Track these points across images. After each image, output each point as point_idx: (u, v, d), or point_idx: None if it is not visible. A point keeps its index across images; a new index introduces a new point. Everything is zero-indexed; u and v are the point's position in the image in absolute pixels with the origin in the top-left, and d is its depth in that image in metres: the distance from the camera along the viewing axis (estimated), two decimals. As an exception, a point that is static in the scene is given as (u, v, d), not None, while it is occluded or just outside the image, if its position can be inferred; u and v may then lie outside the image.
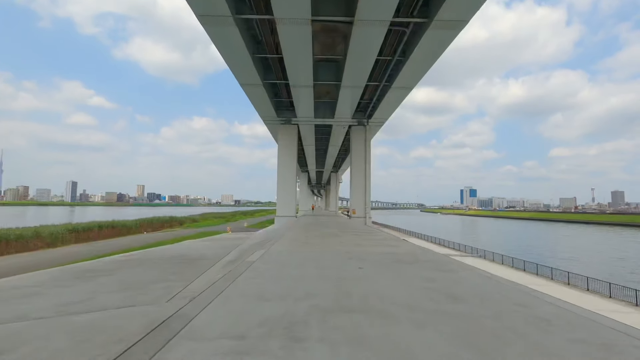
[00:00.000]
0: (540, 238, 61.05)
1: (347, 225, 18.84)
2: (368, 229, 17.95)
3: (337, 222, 20.43)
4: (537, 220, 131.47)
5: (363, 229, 17.54)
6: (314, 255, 8.61)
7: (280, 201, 26.15)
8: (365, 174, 26.32)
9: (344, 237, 12.85)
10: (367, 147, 26.56)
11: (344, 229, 15.95)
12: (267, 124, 27.85)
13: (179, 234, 32.83)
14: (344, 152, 44.72)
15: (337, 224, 18.74)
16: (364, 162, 26.45)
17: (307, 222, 19.22)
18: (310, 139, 34.18)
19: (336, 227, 16.46)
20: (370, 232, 15.54)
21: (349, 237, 12.66)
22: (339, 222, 20.63)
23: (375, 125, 27.20)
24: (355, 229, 16.61)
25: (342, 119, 26.32)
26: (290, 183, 26.40)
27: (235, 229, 39.91)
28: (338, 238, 12.53)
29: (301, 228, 15.72)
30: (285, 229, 16.68)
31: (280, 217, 25.85)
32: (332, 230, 15.45)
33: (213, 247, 10.76)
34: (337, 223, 19.59)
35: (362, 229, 17.36)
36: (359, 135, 26.91)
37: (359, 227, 18.91)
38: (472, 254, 27.61)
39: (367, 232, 15.71)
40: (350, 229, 16.17)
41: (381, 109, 24.10)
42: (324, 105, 26.05)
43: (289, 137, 26.84)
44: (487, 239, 53.39)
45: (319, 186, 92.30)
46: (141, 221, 41.97)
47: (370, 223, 26.13)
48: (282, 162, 26.54)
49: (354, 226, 18.51)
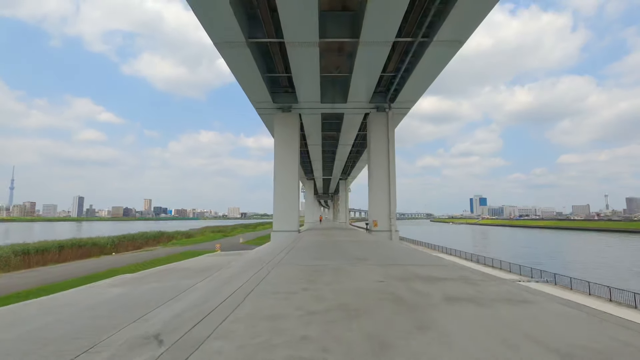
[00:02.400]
0: (587, 251, 52.92)
1: (372, 244, 12.69)
2: (406, 251, 11.70)
3: (356, 240, 14.15)
4: (558, 229, 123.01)
5: (399, 250, 11.33)
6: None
7: (277, 212, 20.05)
8: (388, 173, 20.17)
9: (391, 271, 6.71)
10: (390, 140, 20.47)
11: (377, 253, 9.80)
12: (262, 113, 21.98)
13: (156, 255, 26.87)
14: (355, 153, 38.67)
15: (358, 244, 12.57)
16: (386, 159, 20.33)
17: (314, 241, 12.52)
18: (316, 135, 28.25)
19: (359, 248, 10.39)
20: (409, 254, 9.48)
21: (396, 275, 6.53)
22: (359, 240, 14.34)
23: (400, 110, 21.16)
24: (391, 251, 10.49)
25: (357, 103, 20.38)
26: (290, 187, 20.34)
27: (229, 246, 33.91)
28: (373, 271, 6.39)
29: (306, 251, 9.66)
30: (282, 251, 10.62)
31: (278, 232, 19.72)
32: (355, 253, 9.28)
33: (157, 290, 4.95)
34: (357, 242, 13.34)
35: (397, 250, 11.16)
36: (378, 124, 20.85)
37: (388, 246, 12.78)
38: (534, 278, 21.11)
39: (406, 253, 9.65)
40: (386, 252, 10.01)
41: (410, 86, 18.12)
42: (333, 86, 20.19)
43: (289, 128, 20.90)
44: (526, 254, 45.83)
45: (326, 196, 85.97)
46: (120, 238, 36.17)
47: (398, 239, 19.85)
48: (279, 160, 20.55)
49: (382, 245, 12.37)
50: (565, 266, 33.05)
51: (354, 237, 13.86)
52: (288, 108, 20.75)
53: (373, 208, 20.27)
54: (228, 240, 39.41)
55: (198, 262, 16.82)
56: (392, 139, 20.48)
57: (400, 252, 10.46)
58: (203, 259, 16.49)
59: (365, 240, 13.73)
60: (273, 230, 19.87)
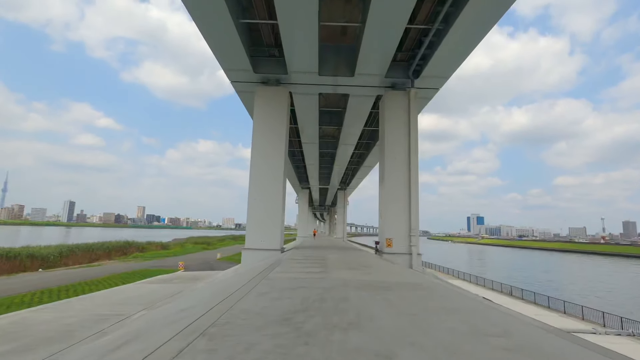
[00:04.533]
0: (626, 279, 45.68)
1: (413, 292, 7.03)
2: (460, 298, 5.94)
3: (367, 274, 8.21)
4: (564, 252, 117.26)
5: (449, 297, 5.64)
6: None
7: (252, 222, 14.37)
8: (409, 176, 14.64)
9: None
10: (413, 130, 15.02)
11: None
12: (240, 90, 16.50)
13: (96, 274, 20.88)
14: (358, 158, 33.21)
15: (385, 294, 6.87)
16: (406, 156, 14.84)
17: (294, 279, 5.94)
18: (312, 129, 22.80)
19: (396, 312, 4.87)
20: (473, 311, 3.98)
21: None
22: (385, 285, 8.08)
23: (425, 92, 15.78)
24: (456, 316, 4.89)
25: (367, 77, 15.00)
26: (271, 189, 14.71)
27: (200, 263, 27.94)
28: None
29: (273, 307, 4.16)
30: (227, 298, 5.02)
31: (252, 251, 14.00)
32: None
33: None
34: (380, 287, 7.49)
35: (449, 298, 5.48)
36: (395, 108, 15.42)
37: (424, 285, 7.17)
38: (613, 329, 15.26)
39: (470, 309, 4.14)
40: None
41: (445, 51, 12.82)
42: (337, 54, 14.89)
43: (274, 106, 15.43)
44: (561, 282, 39.05)
45: (322, 208, 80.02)
46: (74, 248, 30.12)
47: (420, 265, 14.13)
48: (258, 149, 15.00)
49: (432, 294, 6.71)
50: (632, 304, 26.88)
51: (364, 270, 8.15)
52: (275, 81, 15.32)
53: (386, 223, 14.62)
54: (205, 255, 33.44)
55: (133, 295, 11.11)
56: (414, 128, 15.02)
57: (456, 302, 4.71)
58: (134, 289, 10.87)
59: (385, 276, 7.86)
60: (245, 247, 14.13)
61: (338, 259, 11.02)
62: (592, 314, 16.69)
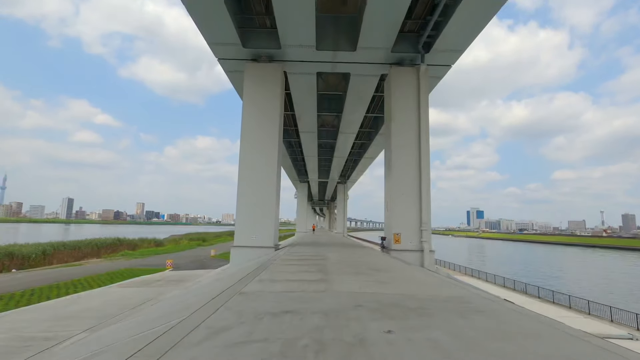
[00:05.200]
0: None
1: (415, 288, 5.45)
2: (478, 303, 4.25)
3: (382, 282, 6.22)
4: (566, 245, 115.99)
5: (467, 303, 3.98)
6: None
7: (242, 216, 12.69)
8: (419, 163, 12.93)
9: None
10: (423, 110, 13.26)
11: None
12: (229, 70, 14.72)
13: (72, 274, 19.19)
14: (359, 149, 31.47)
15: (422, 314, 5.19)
16: (416, 141, 13.13)
17: (284, 291, 4.38)
18: (310, 116, 21.06)
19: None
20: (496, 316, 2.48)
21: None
22: (384, 281, 6.50)
23: (436, 70, 14.01)
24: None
25: (371, 52, 13.24)
26: (263, 178, 13.02)
27: (192, 260, 26.33)
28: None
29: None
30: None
31: (241, 248, 12.35)
32: None
33: None
34: (407, 299, 5.81)
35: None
36: (403, 87, 13.65)
37: (436, 285, 5.53)
38: None
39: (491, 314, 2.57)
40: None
41: (460, 19, 11.05)
42: (336, 25, 13.10)
43: (266, 85, 13.68)
44: (577, 278, 37.02)
45: (322, 203, 78.34)
46: (59, 245, 28.32)
47: (433, 263, 12.48)
48: (249, 132, 13.28)
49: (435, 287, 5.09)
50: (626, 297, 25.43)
51: (377, 276, 6.48)
52: (267, 57, 13.54)
53: (393, 216, 12.94)
54: (199, 252, 31.86)
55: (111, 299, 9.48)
56: (425, 110, 13.27)
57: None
58: (98, 296, 9.23)
59: (407, 285, 6.19)
60: (234, 245, 12.46)
61: (340, 258, 9.36)
62: (622, 315, 15.10)
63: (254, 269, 6.38)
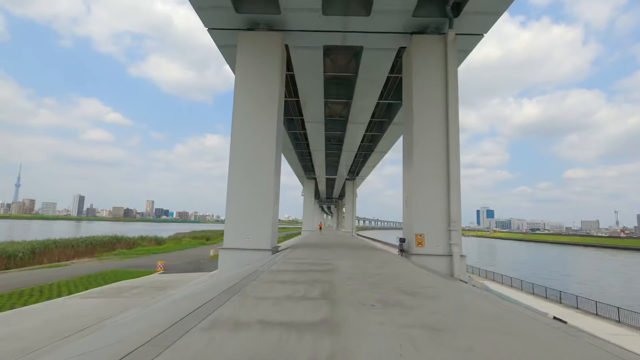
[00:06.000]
0: None
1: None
2: None
3: (438, 333, 2.86)
4: (583, 246, 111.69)
5: None
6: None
7: (232, 212, 10.66)
8: (446, 146, 10.73)
9: None
10: (451, 86, 11.02)
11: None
12: (222, 44, 12.67)
13: (54, 277, 17.38)
14: (369, 142, 29.25)
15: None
16: (443, 119, 10.91)
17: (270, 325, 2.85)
18: (316, 100, 18.96)
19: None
20: None
21: None
22: (444, 330, 2.97)
23: (466, 40, 11.76)
24: None
25: (388, 17, 11.07)
26: (260, 165, 10.95)
27: (189, 260, 24.51)
28: None
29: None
30: None
31: (232, 251, 10.33)
32: None
33: None
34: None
35: None
36: (428, 59, 11.44)
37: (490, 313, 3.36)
38: None
39: None
40: None
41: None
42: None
43: (265, 59, 11.62)
44: (608, 284, 33.74)
45: (330, 201, 76.13)
46: (51, 243, 26.76)
47: (465, 272, 10.27)
48: (241, 111, 11.22)
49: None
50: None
51: (406, 297, 4.35)
52: (265, 24, 11.47)
53: (415, 213, 10.75)
54: (199, 252, 30.07)
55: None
56: (454, 85, 11.04)
57: None
58: (41, 312, 7.34)
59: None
60: (223, 247, 10.44)
61: (353, 269, 7.17)
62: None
63: (223, 291, 4.31)
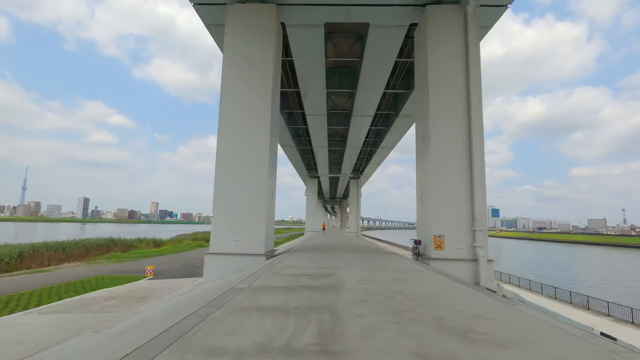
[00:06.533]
0: None
1: None
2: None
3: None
4: (593, 244, 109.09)
5: None
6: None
7: (219, 213, 9.23)
8: (468, 133, 9.23)
9: None
10: (472, 61, 9.48)
11: None
12: (210, 23, 11.24)
13: (30, 285, 16.09)
14: (374, 138, 27.75)
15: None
16: (464, 102, 9.41)
17: None
18: (317, 89, 17.51)
19: None
20: None
21: None
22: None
23: (488, 11, 10.23)
24: None
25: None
26: (252, 157, 9.49)
27: (185, 263, 23.15)
28: None
29: None
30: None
31: (219, 256, 8.89)
32: None
33: None
34: None
35: None
36: (445, 33, 9.93)
37: None
38: None
39: None
40: None
41: None
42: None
43: (257, 34, 10.16)
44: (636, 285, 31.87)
45: (333, 201, 74.61)
46: (42, 246, 25.55)
47: (493, 279, 8.77)
48: (230, 94, 9.75)
49: None
50: None
51: (450, 338, 2.88)
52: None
53: (432, 212, 9.25)
54: (195, 254, 28.80)
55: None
56: (475, 63, 9.51)
57: None
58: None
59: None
60: (209, 251, 9.00)
61: (363, 284, 5.46)
62: None
63: (178, 321, 2.88)
